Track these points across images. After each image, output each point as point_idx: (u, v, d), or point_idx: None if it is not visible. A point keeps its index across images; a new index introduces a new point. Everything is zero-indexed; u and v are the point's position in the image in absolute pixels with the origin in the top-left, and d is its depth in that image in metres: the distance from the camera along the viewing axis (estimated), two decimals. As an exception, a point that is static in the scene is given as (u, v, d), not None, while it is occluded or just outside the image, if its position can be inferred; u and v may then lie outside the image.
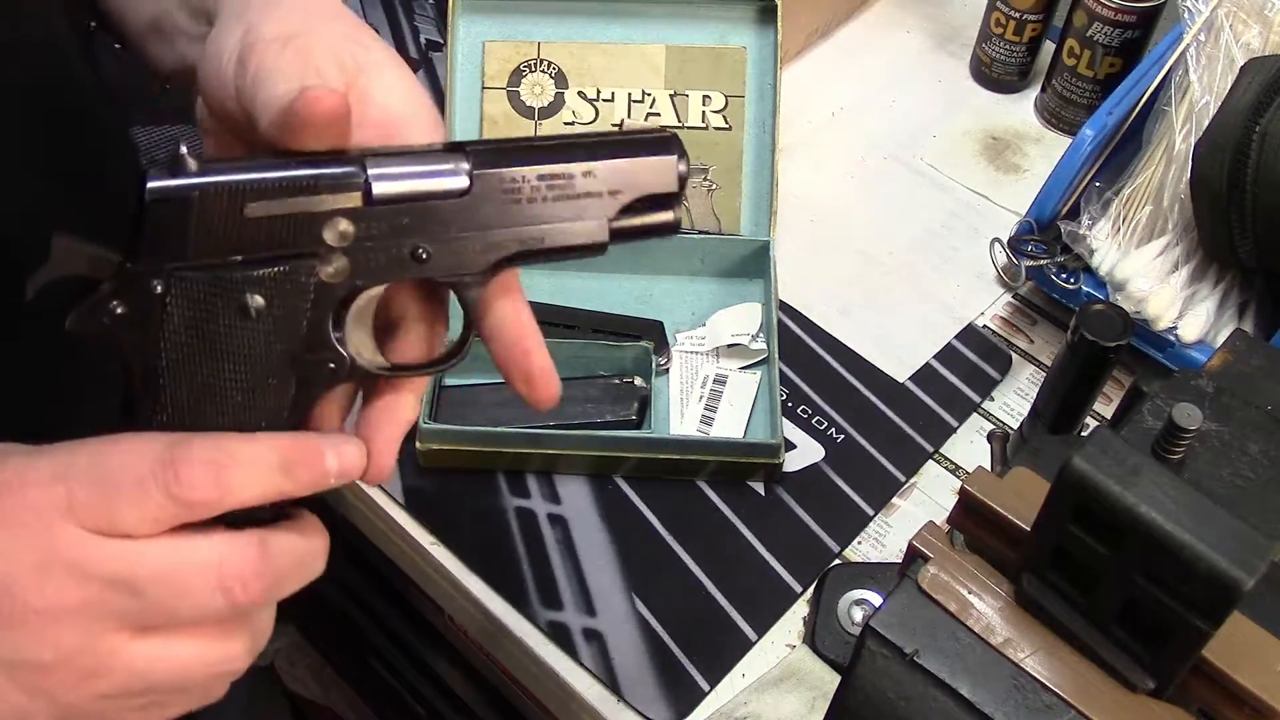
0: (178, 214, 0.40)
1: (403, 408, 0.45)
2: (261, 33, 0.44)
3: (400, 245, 0.42)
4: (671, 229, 0.46)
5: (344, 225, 0.42)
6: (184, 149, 0.41)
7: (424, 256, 0.43)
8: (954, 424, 0.84)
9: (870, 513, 0.79)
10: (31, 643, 0.38)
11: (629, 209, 0.45)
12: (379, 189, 0.41)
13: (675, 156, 0.45)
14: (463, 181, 0.42)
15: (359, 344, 0.44)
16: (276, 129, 0.41)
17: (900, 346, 0.88)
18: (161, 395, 0.41)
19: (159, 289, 0.41)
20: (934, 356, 0.88)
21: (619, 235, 0.45)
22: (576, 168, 0.44)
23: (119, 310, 0.41)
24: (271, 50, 0.43)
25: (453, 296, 0.45)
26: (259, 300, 0.41)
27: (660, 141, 0.45)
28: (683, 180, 0.45)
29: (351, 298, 0.43)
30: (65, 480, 0.38)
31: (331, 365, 0.43)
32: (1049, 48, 1.05)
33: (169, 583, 0.39)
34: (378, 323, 0.46)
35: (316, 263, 0.42)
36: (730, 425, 0.81)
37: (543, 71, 0.89)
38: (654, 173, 0.44)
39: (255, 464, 0.40)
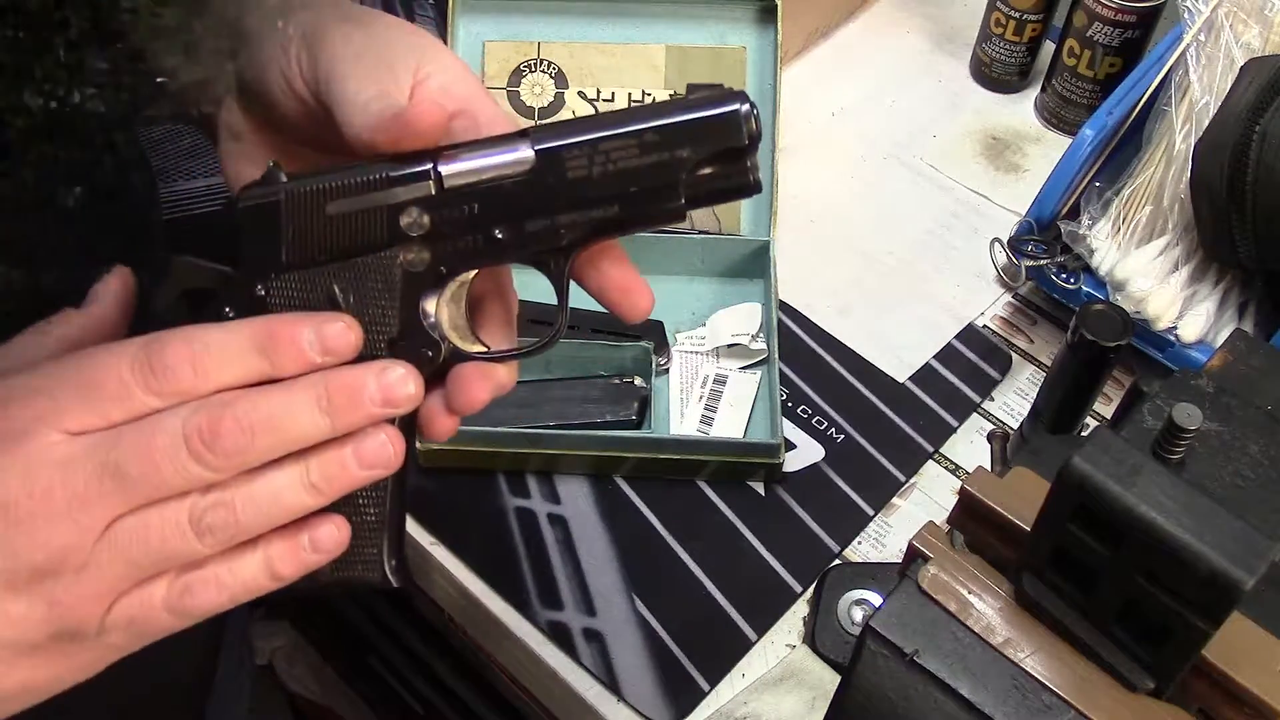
0: (268, 220, 0.44)
1: (495, 371, 0.46)
2: (322, 21, 0.46)
3: (476, 230, 0.44)
4: (750, 189, 0.44)
5: (420, 214, 0.44)
6: (271, 162, 0.44)
7: (500, 238, 0.44)
8: (954, 424, 0.84)
9: (870, 513, 0.79)
10: (24, 548, 0.38)
11: (702, 169, 0.44)
12: (449, 179, 0.44)
13: (739, 108, 0.43)
14: (527, 162, 0.44)
15: (454, 330, 0.46)
16: (371, 133, 0.43)
17: (900, 346, 0.88)
18: None
19: (261, 291, 0.44)
20: (934, 356, 0.88)
21: (695, 199, 0.44)
22: (637, 132, 0.43)
23: (230, 315, 0.44)
24: (340, 36, 0.45)
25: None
26: (349, 292, 0.44)
27: (722, 95, 0.44)
28: (753, 135, 0.43)
29: (439, 285, 0.45)
30: (47, 392, 0.39)
31: (429, 352, 0.45)
32: (1049, 48, 1.05)
33: (143, 454, 0.38)
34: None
35: (399, 252, 0.44)
36: (730, 425, 0.81)
37: (543, 71, 0.89)
38: (718, 128, 0.43)
39: (228, 348, 0.40)
